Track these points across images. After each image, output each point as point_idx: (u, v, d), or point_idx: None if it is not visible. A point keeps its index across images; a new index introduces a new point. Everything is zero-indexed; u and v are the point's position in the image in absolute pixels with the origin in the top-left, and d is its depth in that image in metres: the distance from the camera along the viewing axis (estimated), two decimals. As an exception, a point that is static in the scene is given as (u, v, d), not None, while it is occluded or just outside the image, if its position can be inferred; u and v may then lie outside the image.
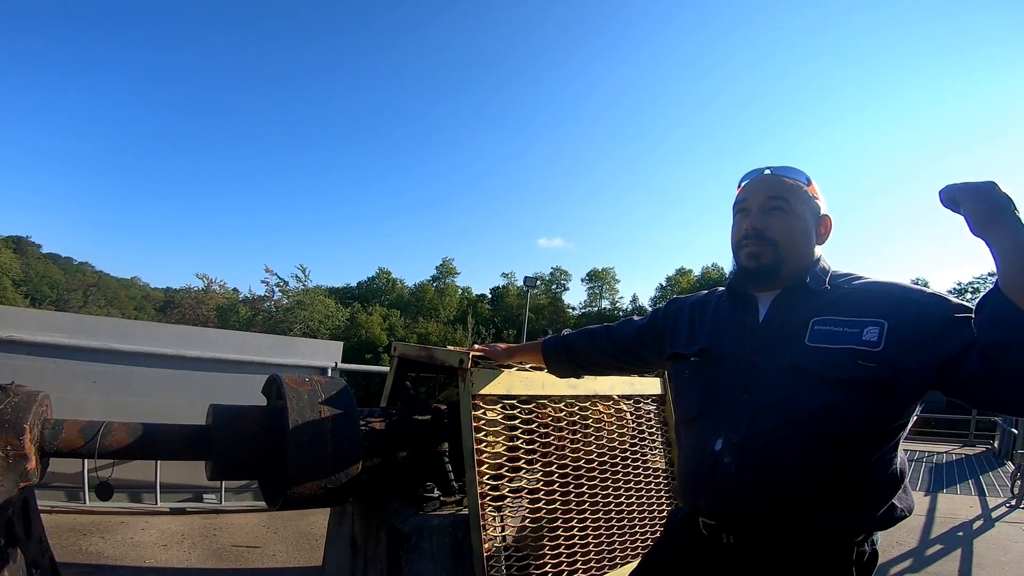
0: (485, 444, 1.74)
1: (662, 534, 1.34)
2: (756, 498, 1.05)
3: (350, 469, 1.66)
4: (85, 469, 3.11)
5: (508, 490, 1.77)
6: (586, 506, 1.93)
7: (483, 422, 1.75)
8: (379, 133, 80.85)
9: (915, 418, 1.11)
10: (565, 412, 1.96)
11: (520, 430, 1.82)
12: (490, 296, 47.51)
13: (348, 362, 4.53)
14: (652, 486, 2.21)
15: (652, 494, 2.20)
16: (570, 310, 45.57)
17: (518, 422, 1.82)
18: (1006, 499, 5.25)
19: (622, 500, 2.07)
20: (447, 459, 2.05)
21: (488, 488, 1.72)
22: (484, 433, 1.74)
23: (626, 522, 2.07)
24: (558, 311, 43.33)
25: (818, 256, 1.18)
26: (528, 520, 1.79)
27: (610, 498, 2.02)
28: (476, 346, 1.84)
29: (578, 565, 1.87)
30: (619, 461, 2.08)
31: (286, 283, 30.76)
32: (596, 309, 45.37)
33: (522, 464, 1.80)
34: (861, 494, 1.03)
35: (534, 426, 1.85)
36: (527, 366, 1.87)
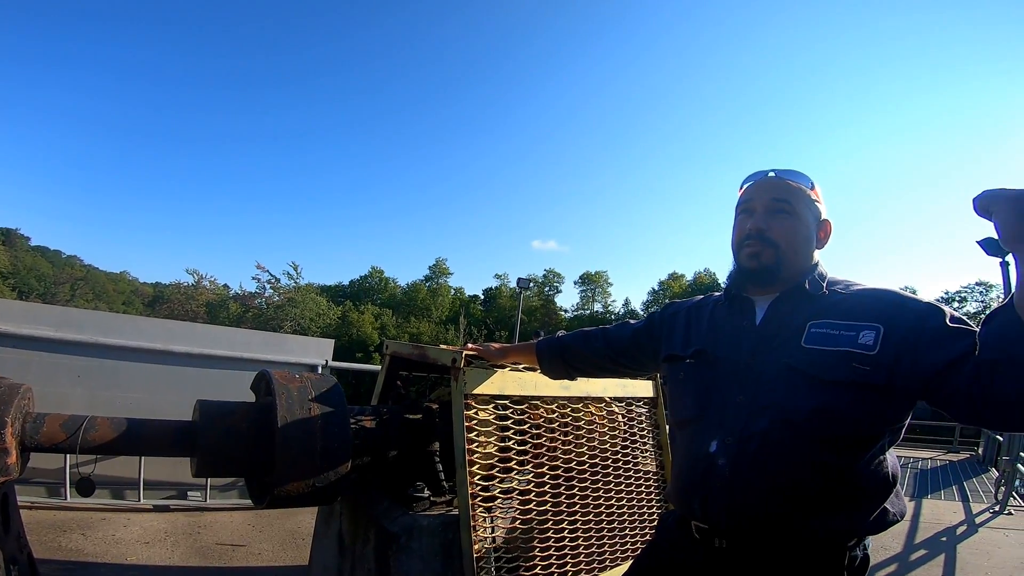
0: (476, 444, 1.73)
1: (654, 537, 1.34)
2: (749, 499, 1.04)
3: (339, 468, 1.64)
4: (67, 464, 3.05)
5: (499, 491, 1.75)
6: (577, 508, 1.93)
7: (475, 422, 1.74)
8: (377, 134, 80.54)
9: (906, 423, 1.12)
10: (557, 413, 1.95)
11: (512, 431, 1.81)
12: (483, 297, 47.54)
13: (339, 360, 4.50)
14: (643, 489, 2.20)
15: (643, 497, 2.20)
16: (562, 313, 45.72)
17: (510, 423, 1.81)
18: (990, 505, 5.33)
19: (613, 502, 2.06)
20: (438, 459, 2.04)
21: (479, 488, 1.70)
22: (476, 433, 1.73)
23: (617, 524, 2.06)
24: (550, 313, 43.46)
25: (816, 261, 1.19)
26: (519, 521, 1.78)
27: (601, 500, 2.02)
28: (469, 345, 1.82)
29: (568, 567, 1.86)
30: (611, 463, 2.08)
31: (278, 280, 30.61)
32: (588, 312, 45.55)
33: (513, 465, 1.79)
34: (854, 497, 1.03)
35: (526, 427, 1.84)
36: (520, 366, 1.86)
